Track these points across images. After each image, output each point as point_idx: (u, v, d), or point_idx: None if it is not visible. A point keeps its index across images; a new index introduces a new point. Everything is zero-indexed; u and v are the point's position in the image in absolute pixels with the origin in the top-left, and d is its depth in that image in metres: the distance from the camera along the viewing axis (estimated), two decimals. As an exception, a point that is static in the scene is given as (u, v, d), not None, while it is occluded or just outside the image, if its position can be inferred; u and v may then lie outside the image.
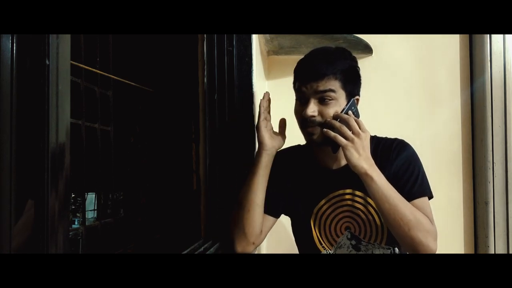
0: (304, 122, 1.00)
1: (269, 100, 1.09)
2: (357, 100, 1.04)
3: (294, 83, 1.06)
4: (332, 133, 0.95)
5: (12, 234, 0.38)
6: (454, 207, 1.75)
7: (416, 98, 1.76)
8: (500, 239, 1.68)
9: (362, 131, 0.95)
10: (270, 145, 1.05)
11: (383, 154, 1.04)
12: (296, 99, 1.05)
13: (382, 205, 0.94)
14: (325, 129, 0.97)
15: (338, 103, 0.99)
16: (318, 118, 0.99)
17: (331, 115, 0.98)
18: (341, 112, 0.98)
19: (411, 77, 1.77)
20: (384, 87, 1.77)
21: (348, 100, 1.01)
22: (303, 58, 1.05)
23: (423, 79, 1.76)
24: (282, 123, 1.11)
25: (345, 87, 1.00)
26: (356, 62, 1.05)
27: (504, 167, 1.68)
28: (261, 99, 1.08)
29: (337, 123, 0.96)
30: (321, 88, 0.98)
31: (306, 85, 1.00)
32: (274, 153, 1.06)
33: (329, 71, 0.98)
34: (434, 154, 1.74)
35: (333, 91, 0.98)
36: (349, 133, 0.95)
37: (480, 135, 1.71)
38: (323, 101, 0.99)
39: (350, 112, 0.99)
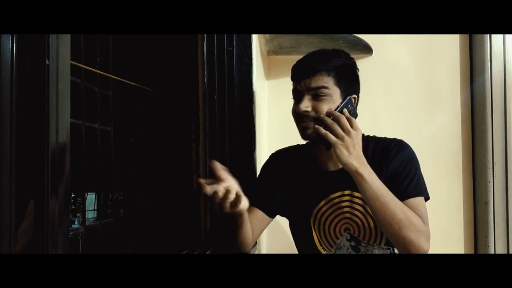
0: (299, 117, 1.02)
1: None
2: (355, 99, 1.04)
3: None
4: (323, 130, 0.96)
5: (16, 236, 0.38)
6: (454, 207, 1.75)
7: (416, 98, 1.76)
8: (500, 239, 1.68)
9: (354, 129, 0.95)
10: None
11: (381, 154, 1.04)
12: (293, 99, 1.06)
13: (372, 203, 0.94)
14: (316, 126, 0.97)
15: (332, 100, 1.00)
16: (312, 113, 1.00)
17: (325, 111, 0.99)
18: (336, 109, 0.99)
19: (411, 77, 1.77)
20: (384, 87, 1.77)
21: (344, 98, 1.01)
22: (299, 59, 1.07)
23: (423, 79, 1.76)
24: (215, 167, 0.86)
25: (339, 84, 1.01)
26: (352, 61, 1.06)
27: (504, 167, 1.68)
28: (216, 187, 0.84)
29: (329, 120, 0.96)
30: (313, 84, 0.99)
31: (300, 82, 1.02)
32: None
33: (321, 68, 0.99)
34: (434, 154, 1.74)
35: (326, 87, 0.99)
36: (339, 131, 0.95)
37: (480, 135, 1.71)
38: (317, 97, 1.00)
39: (345, 110, 0.99)
